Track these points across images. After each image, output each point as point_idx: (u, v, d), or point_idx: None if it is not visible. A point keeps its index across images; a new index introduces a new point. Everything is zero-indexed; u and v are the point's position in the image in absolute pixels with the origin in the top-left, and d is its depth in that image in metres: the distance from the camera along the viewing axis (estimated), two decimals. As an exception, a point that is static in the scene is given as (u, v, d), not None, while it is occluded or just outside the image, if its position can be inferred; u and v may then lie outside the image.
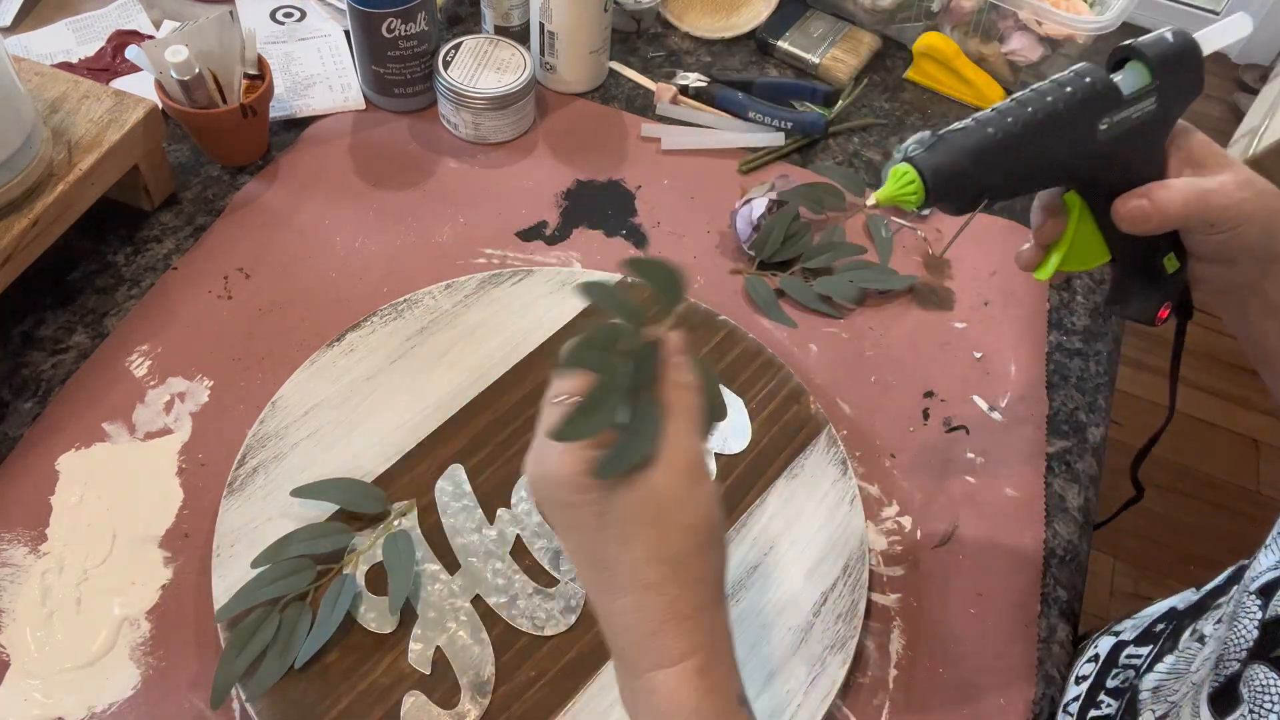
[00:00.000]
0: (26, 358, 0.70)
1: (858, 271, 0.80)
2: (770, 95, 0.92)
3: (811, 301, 0.78)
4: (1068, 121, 0.48)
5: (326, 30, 0.94)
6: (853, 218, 0.85)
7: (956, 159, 0.47)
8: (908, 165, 0.48)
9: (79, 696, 0.56)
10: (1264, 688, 0.43)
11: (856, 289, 0.79)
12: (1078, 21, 0.89)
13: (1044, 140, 0.48)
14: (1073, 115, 0.48)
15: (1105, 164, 0.49)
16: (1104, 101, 0.48)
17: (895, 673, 0.61)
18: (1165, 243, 0.52)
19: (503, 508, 0.65)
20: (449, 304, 0.74)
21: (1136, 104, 0.48)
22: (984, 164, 0.47)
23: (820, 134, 0.90)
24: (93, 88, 0.75)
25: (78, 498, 0.64)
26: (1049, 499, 0.70)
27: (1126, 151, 0.49)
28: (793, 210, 0.81)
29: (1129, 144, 0.49)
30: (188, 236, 0.78)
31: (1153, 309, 0.54)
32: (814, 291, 0.79)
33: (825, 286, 0.79)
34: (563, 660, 0.59)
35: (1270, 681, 0.43)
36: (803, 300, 0.78)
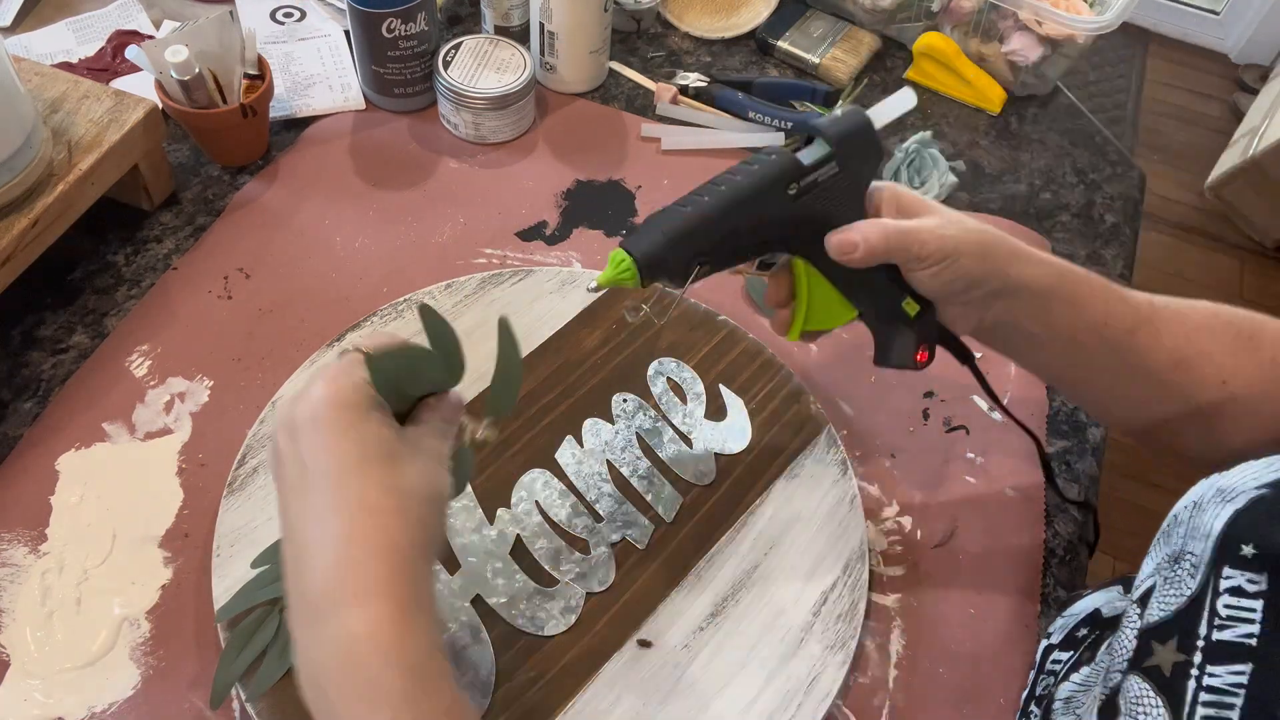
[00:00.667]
0: (26, 358, 0.70)
1: None
2: (770, 95, 0.92)
3: None
4: (759, 193, 0.53)
5: (326, 30, 0.94)
6: None
7: (660, 241, 0.52)
8: (622, 252, 0.53)
9: (79, 696, 0.56)
10: (1138, 699, 0.44)
11: None
12: (1078, 21, 0.89)
13: (741, 212, 0.53)
14: (762, 187, 0.53)
15: (804, 224, 0.55)
16: (788, 173, 0.54)
17: (895, 673, 0.61)
18: (896, 288, 0.57)
19: (503, 508, 0.65)
20: (449, 304, 0.74)
21: (819, 169, 0.54)
22: (687, 241, 0.52)
23: None
24: (93, 88, 0.75)
25: (78, 498, 0.64)
26: (1049, 499, 0.70)
27: (821, 210, 0.55)
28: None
29: (821, 202, 0.55)
30: (188, 236, 0.78)
31: (909, 353, 0.59)
32: None
33: None
34: (563, 660, 0.59)
35: (1143, 693, 0.43)
36: None
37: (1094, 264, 0.86)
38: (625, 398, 0.71)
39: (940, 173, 0.86)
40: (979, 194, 0.90)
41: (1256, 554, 0.42)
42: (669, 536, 0.64)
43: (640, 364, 0.72)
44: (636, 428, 0.69)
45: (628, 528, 0.65)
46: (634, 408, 0.70)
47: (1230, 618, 0.41)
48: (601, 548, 0.63)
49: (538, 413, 0.69)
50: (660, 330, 0.74)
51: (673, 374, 0.72)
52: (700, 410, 0.71)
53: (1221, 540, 0.43)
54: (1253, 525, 0.43)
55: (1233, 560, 0.42)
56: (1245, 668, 0.40)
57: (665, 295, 0.72)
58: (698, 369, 0.73)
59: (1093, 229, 0.89)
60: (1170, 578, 0.46)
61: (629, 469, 0.67)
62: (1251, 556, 0.42)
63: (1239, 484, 0.45)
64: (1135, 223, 0.91)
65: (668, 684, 0.59)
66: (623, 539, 0.64)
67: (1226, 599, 0.42)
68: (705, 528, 0.65)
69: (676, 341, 0.74)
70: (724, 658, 0.60)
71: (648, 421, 0.70)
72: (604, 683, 0.59)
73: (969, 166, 0.92)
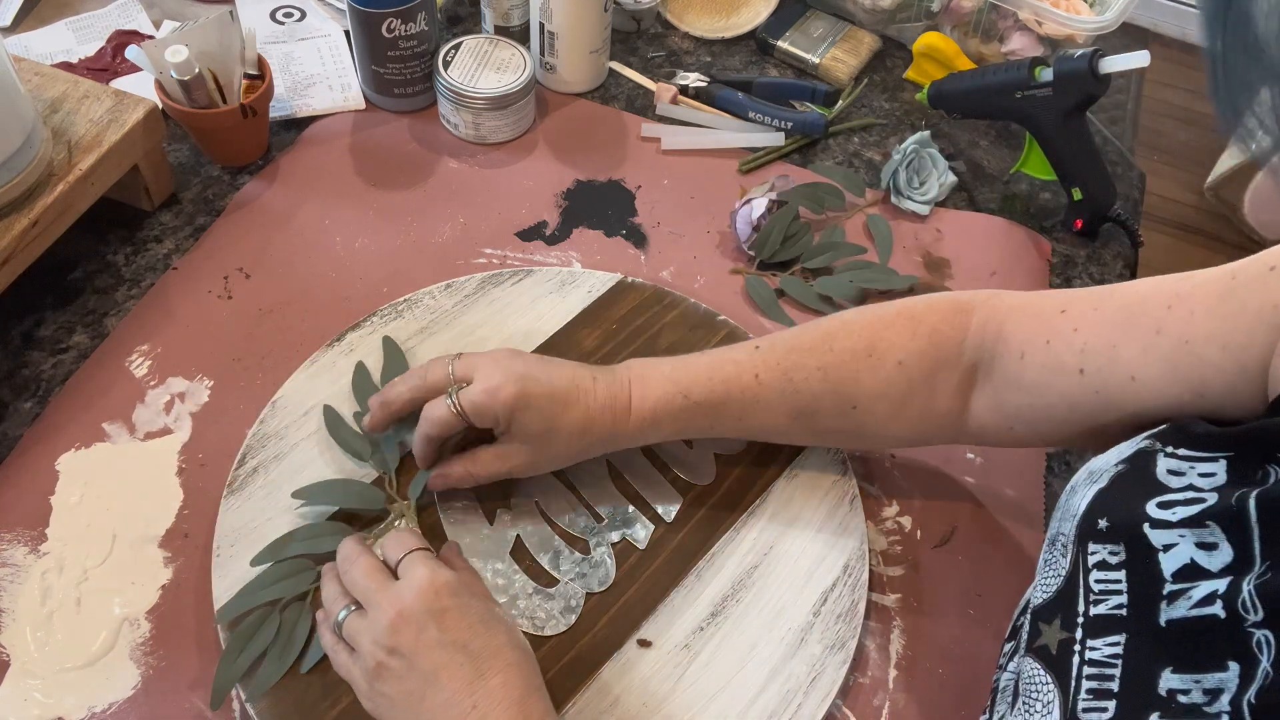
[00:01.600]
0: (26, 358, 0.70)
1: (858, 271, 0.80)
2: (770, 95, 0.92)
3: (812, 301, 0.78)
4: (997, 90, 0.85)
5: (326, 30, 0.94)
6: (853, 217, 0.85)
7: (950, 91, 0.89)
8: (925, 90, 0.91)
9: (79, 696, 0.56)
10: (1031, 678, 0.45)
11: (856, 289, 0.79)
12: (1077, 21, 0.89)
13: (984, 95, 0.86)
14: (1000, 87, 0.84)
15: (1024, 114, 0.84)
16: (1019, 83, 0.83)
17: (895, 673, 0.61)
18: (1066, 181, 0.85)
19: (502, 508, 0.65)
20: (449, 304, 0.74)
21: (1039, 89, 0.81)
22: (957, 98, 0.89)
23: (820, 134, 0.90)
24: (93, 88, 0.75)
25: (78, 498, 0.64)
26: (1049, 499, 0.70)
27: (1034, 112, 0.83)
28: (792, 210, 0.81)
29: (1034, 108, 0.83)
30: (188, 236, 0.78)
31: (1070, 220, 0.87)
32: (814, 291, 0.79)
33: (825, 287, 0.79)
34: (563, 660, 0.59)
35: (1035, 672, 0.45)
36: (803, 300, 0.78)
37: (1094, 264, 0.86)
38: (625, 398, 0.70)
39: (940, 173, 0.86)
40: (979, 194, 0.90)
41: (1109, 525, 0.44)
42: (669, 536, 0.64)
43: (640, 364, 0.72)
44: (636, 428, 0.69)
45: (628, 528, 0.65)
46: (634, 408, 0.70)
47: (1103, 591, 0.43)
48: (601, 548, 0.63)
49: None
50: (660, 330, 0.74)
51: (673, 374, 0.72)
52: (700, 410, 0.71)
53: (1083, 518, 0.45)
54: (1108, 499, 0.45)
55: (1094, 535, 0.44)
56: (1120, 638, 0.41)
57: None
58: (698, 369, 0.72)
59: (1093, 229, 0.89)
60: (1049, 560, 0.48)
61: (629, 469, 0.67)
62: (1106, 529, 0.44)
63: (1103, 464, 0.47)
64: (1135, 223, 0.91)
65: (668, 684, 0.59)
66: (623, 539, 0.64)
67: (1096, 574, 0.44)
68: (705, 528, 0.65)
69: (676, 341, 0.74)
70: (724, 658, 0.60)
71: (648, 421, 0.70)
72: (604, 683, 0.59)
73: (969, 166, 0.92)
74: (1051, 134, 0.83)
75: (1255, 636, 0.37)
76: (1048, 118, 0.82)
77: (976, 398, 0.59)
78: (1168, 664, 0.39)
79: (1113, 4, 0.90)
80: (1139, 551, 0.42)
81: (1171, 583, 0.41)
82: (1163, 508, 0.42)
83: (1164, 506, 0.43)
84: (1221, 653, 0.38)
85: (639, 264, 0.81)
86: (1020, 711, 0.45)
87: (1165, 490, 0.43)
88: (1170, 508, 0.42)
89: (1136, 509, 0.43)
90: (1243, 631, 0.37)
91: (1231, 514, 0.40)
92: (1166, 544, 0.42)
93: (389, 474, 0.65)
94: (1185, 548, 0.41)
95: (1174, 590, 0.40)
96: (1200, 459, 0.44)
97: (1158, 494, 0.43)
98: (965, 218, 0.87)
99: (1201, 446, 0.44)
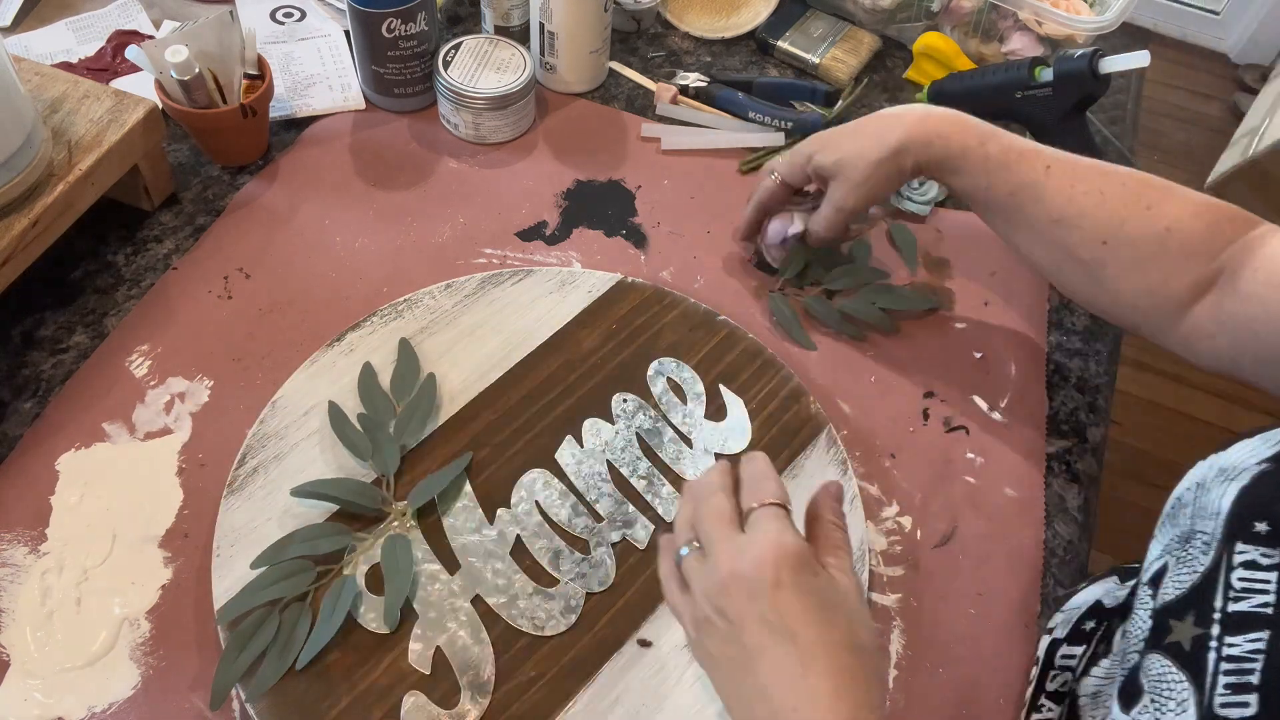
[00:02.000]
0: (26, 358, 0.70)
1: (881, 294, 0.78)
2: (770, 95, 0.92)
3: (835, 323, 0.77)
4: (997, 89, 0.86)
5: (326, 30, 0.94)
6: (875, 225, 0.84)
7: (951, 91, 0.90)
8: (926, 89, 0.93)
9: (79, 696, 0.56)
10: (1160, 676, 0.44)
11: (878, 310, 0.77)
12: (1077, 21, 0.89)
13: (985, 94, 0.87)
14: (1001, 86, 0.86)
15: (1024, 113, 0.85)
16: (1019, 83, 0.84)
17: (895, 673, 0.61)
18: None
19: (503, 508, 0.65)
20: (449, 304, 0.75)
21: (1040, 89, 0.83)
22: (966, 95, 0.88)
23: None
24: (93, 88, 0.75)
25: (78, 498, 0.64)
26: (1049, 499, 0.70)
27: (1034, 112, 0.84)
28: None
29: (1033, 107, 0.84)
30: (188, 236, 0.78)
31: None
32: (838, 312, 0.77)
33: (849, 307, 0.77)
34: (563, 660, 0.59)
35: (1165, 669, 0.44)
36: (827, 321, 0.77)
37: (1094, 264, 0.86)
38: (625, 398, 0.71)
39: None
40: (979, 194, 0.90)
41: (1271, 530, 0.43)
42: (669, 536, 0.64)
43: (640, 364, 0.72)
44: (636, 428, 0.69)
45: (628, 528, 0.65)
46: (634, 408, 0.70)
47: (1245, 590, 0.42)
48: (601, 548, 0.63)
49: (538, 413, 0.69)
50: (660, 330, 0.74)
51: (673, 374, 0.72)
52: (700, 410, 0.71)
53: (1232, 517, 0.44)
54: (1263, 502, 0.44)
55: (1246, 536, 0.43)
56: (1263, 635, 0.41)
57: None
58: (698, 369, 0.73)
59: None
60: (1182, 557, 0.47)
61: (629, 469, 0.67)
62: (1266, 533, 0.43)
63: (1240, 462, 0.46)
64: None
65: (668, 684, 0.59)
66: (623, 539, 0.64)
67: (1240, 573, 0.43)
68: (705, 528, 0.65)
69: (676, 341, 0.74)
70: (724, 658, 0.60)
71: (648, 421, 0.70)
72: (604, 683, 0.59)
73: (969, 166, 0.92)
74: (1052, 133, 0.83)
75: None
76: (1048, 117, 0.83)
77: (1206, 300, 0.60)
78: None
79: (1113, 4, 0.90)
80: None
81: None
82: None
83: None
84: None
85: (639, 264, 0.81)
86: (1150, 710, 0.44)
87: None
88: None
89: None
90: None
91: None
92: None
93: (387, 476, 0.65)
94: None
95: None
96: None
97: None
98: (965, 218, 0.87)
99: None
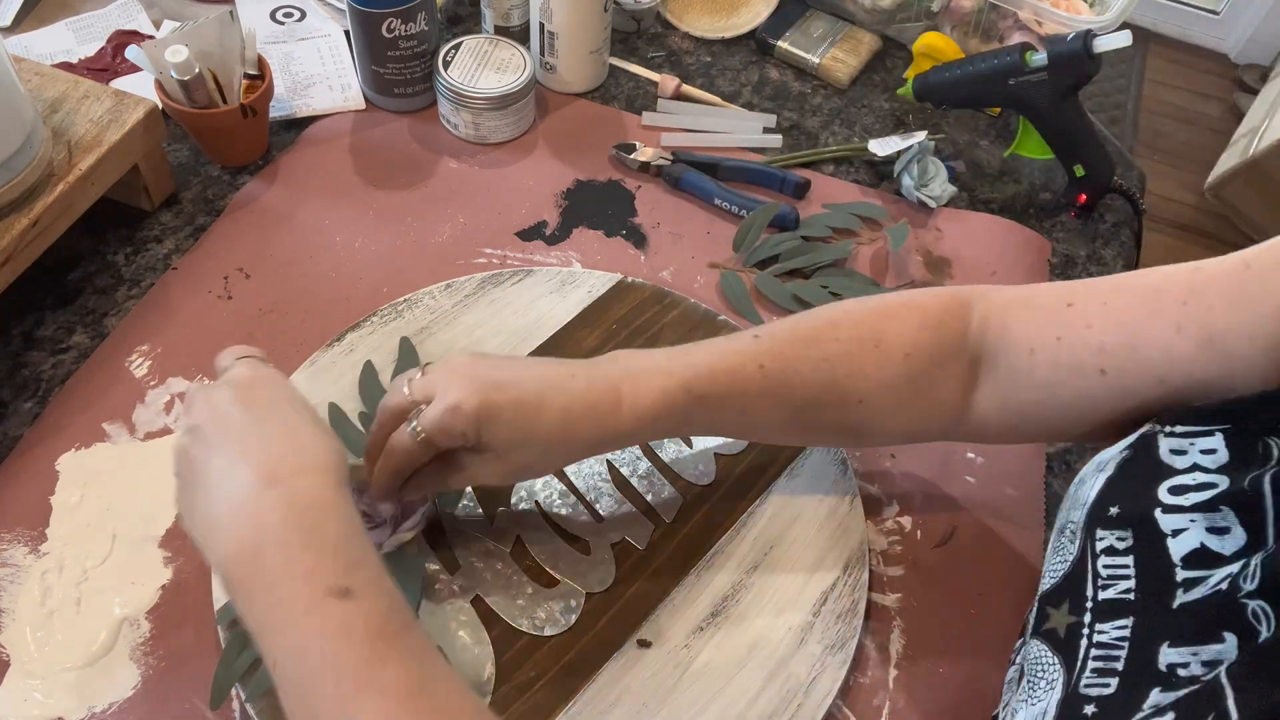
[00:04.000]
0: (26, 358, 0.70)
1: (838, 279, 0.79)
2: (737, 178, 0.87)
3: (786, 302, 0.77)
4: (988, 78, 0.85)
5: (326, 30, 0.94)
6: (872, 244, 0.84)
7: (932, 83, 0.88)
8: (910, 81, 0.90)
9: (79, 696, 0.56)
10: (1037, 659, 0.46)
11: (828, 295, 0.77)
12: (1077, 21, 0.89)
13: (977, 85, 0.86)
14: (993, 75, 0.84)
15: (1019, 99, 0.84)
16: (1012, 70, 0.83)
17: (895, 673, 0.61)
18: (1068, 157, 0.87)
19: (503, 508, 0.65)
20: (449, 304, 0.74)
21: (1033, 74, 0.82)
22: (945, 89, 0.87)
23: (793, 227, 0.83)
24: (93, 88, 0.75)
25: (78, 498, 0.64)
26: (1049, 499, 0.70)
27: (1029, 97, 0.84)
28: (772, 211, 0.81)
29: (1029, 93, 0.83)
30: (188, 236, 0.78)
31: (1073, 195, 0.88)
32: (789, 292, 0.78)
33: (802, 290, 0.78)
34: (563, 660, 0.59)
35: (1042, 653, 0.46)
36: (777, 300, 0.78)
37: (1095, 264, 0.86)
38: (625, 398, 0.70)
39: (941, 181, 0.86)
40: (979, 194, 0.90)
41: (1120, 512, 0.44)
42: (669, 536, 0.64)
43: (640, 364, 0.72)
44: (636, 428, 0.69)
45: (628, 528, 0.64)
46: (634, 408, 0.70)
47: (1111, 576, 0.43)
48: (601, 548, 0.63)
49: None
50: (660, 330, 0.74)
51: (673, 374, 0.72)
52: (700, 410, 0.71)
53: (1093, 505, 0.46)
54: (1117, 487, 0.45)
55: (1103, 521, 0.45)
56: (1128, 621, 0.42)
57: None
58: (698, 369, 0.72)
59: (1093, 229, 0.89)
60: (1057, 547, 0.48)
61: (629, 469, 0.67)
62: (1116, 515, 0.44)
63: (1108, 455, 0.47)
64: (1136, 223, 0.91)
65: (668, 684, 0.59)
66: (623, 539, 0.64)
67: (1104, 559, 0.44)
68: (705, 528, 0.65)
69: (676, 341, 0.74)
70: (724, 658, 0.60)
71: (648, 421, 0.69)
72: (604, 683, 0.58)
73: (969, 166, 0.92)
74: (1049, 116, 0.84)
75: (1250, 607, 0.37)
76: (1043, 102, 0.83)
77: (979, 395, 0.57)
78: (1167, 639, 0.39)
79: (1113, 4, 0.90)
80: (1147, 537, 0.42)
81: (1183, 568, 0.41)
82: (1174, 493, 0.43)
83: (1175, 492, 0.43)
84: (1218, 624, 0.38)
85: (639, 264, 0.81)
86: (1024, 690, 0.46)
87: (1172, 472, 0.43)
88: (1182, 493, 0.42)
89: (1147, 494, 0.43)
90: (1237, 602, 0.38)
91: (1245, 497, 0.40)
92: (1176, 529, 0.42)
93: None
94: (1195, 533, 0.41)
95: (1188, 578, 0.40)
96: (1198, 433, 0.44)
97: (1166, 477, 0.43)
98: (965, 217, 0.87)
99: (1198, 420, 0.44)
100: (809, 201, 0.86)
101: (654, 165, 0.86)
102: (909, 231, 0.83)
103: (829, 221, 0.83)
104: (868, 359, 0.56)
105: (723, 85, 0.96)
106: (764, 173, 0.87)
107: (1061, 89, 0.82)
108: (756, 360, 0.56)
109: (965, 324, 0.57)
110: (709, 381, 0.56)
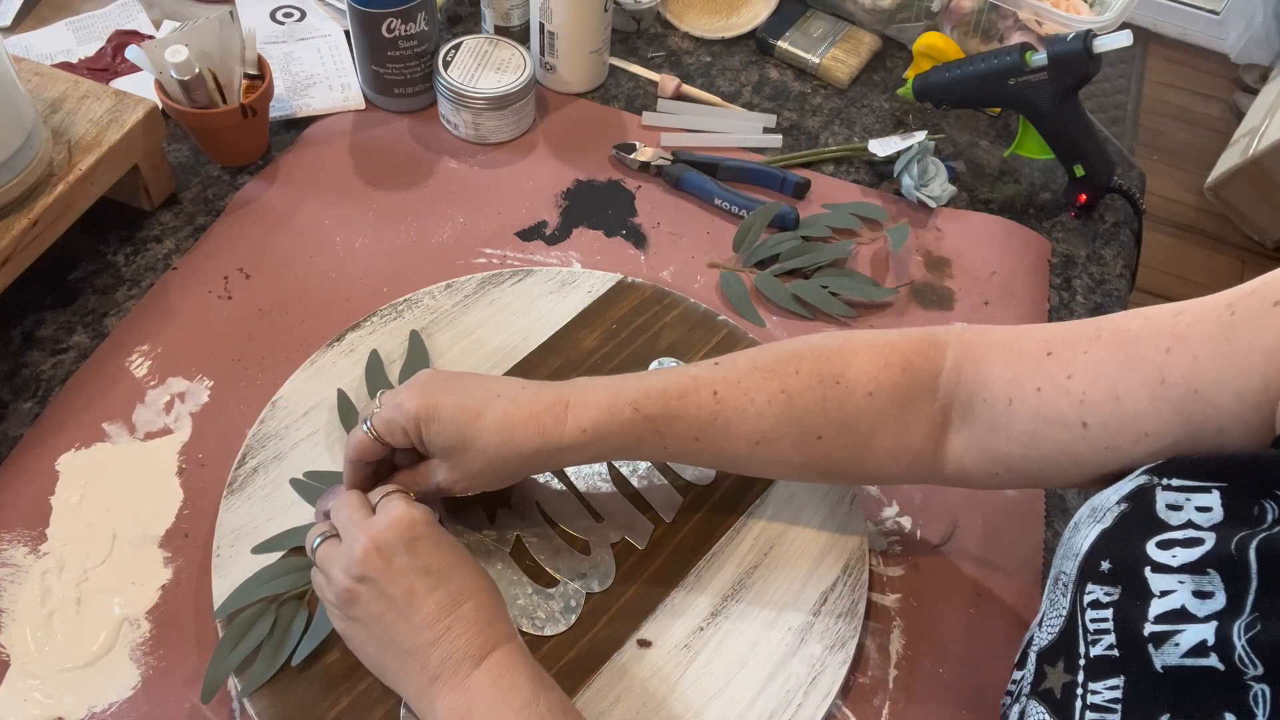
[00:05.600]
0: (26, 358, 0.70)
1: (838, 279, 0.79)
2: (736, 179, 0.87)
3: (786, 302, 0.77)
4: (988, 78, 0.85)
5: (326, 30, 0.94)
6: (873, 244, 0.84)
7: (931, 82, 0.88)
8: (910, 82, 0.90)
9: (79, 696, 0.56)
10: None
11: (828, 295, 0.78)
12: (1077, 21, 0.89)
13: (976, 85, 0.86)
14: (992, 75, 0.84)
15: (1019, 99, 0.84)
16: (1012, 70, 0.83)
17: (895, 673, 0.61)
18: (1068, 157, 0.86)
19: (503, 508, 0.65)
20: (449, 304, 0.74)
21: (1033, 74, 0.82)
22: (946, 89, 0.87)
23: (792, 227, 0.83)
24: (93, 88, 0.75)
25: (78, 498, 0.64)
26: (1049, 499, 0.70)
27: (1030, 96, 0.83)
28: (772, 210, 0.81)
29: (1030, 92, 0.83)
30: (188, 236, 0.78)
31: (1073, 195, 0.88)
32: (789, 292, 0.78)
33: (801, 290, 0.78)
34: (563, 660, 0.59)
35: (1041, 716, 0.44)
36: (777, 300, 0.78)
37: (1094, 263, 0.86)
38: (625, 398, 0.70)
39: (941, 181, 0.86)
40: (979, 194, 0.90)
41: (1111, 568, 0.43)
42: (669, 536, 0.64)
43: (640, 364, 0.72)
44: (636, 428, 0.69)
45: (628, 528, 0.65)
46: (634, 408, 0.70)
47: (1097, 631, 0.42)
48: (601, 548, 0.63)
49: None
50: (660, 330, 0.74)
51: (673, 374, 0.72)
52: (700, 410, 0.70)
53: (1086, 558, 0.44)
54: (1112, 540, 0.44)
55: (1094, 576, 0.43)
56: (1119, 681, 0.40)
57: None
58: (698, 369, 0.72)
59: (1093, 229, 0.89)
60: (1052, 600, 0.47)
61: (629, 469, 0.67)
62: (1108, 571, 0.43)
63: (1105, 502, 0.45)
64: (1136, 223, 0.91)
65: (668, 684, 0.59)
66: (623, 539, 0.64)
67: (1091, 614, 0.42)
68: (705, 528, 0.65)
69: (676, 341, 0.74)
70: (724, 658, 0.60)
71: (648, 421, 0.69)
72: (604, 683, 0.59)
73: (969, 166, 0.92)
74: (1049, 116, 0.84)
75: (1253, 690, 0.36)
76: (1044, 101, 0.83)
77: (955, 440, 0.55)
78: (1165, 710, 0.38)
79: (1113, 4, 0.90)
80: (1132, 593, 0.41)
81: (1153, 624, 0.40)
82: (1162, 548, 0.41)
83: (1164, 547, 0.41)
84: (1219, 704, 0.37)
85: (639, 264, 0.81)
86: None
87: (1165, 528, 0.42)
88: (1170, 548, 0.41)
89: (1137, 550, 0.42)
90: (1241, 685, 0.37)
91: (1231, 561, 0.39)
92: (1164, 590, 0.40)
93: None
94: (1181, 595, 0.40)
95: (1157, 632, 0.39)
96: (1196, 489, 0.42)
97: (1157, 532, 0.42)
98: (965, 217, 0.87)
99: (1196, 474, 0.43)
100: (809, 201, 0.86)
101: (654, 165, 0.86)
102: (909, 232, 0.83)
103: (829, 221, 0.83)
104: (828, 393, 0.55)
105: (723, 85, 0.96)
106: (764, 173, 0.87)
107: (1061, 89, 0.82)
108: (711, 386, 0.56)
109: (937, 366, 0.55)
110: (659, 402, 0.56)
